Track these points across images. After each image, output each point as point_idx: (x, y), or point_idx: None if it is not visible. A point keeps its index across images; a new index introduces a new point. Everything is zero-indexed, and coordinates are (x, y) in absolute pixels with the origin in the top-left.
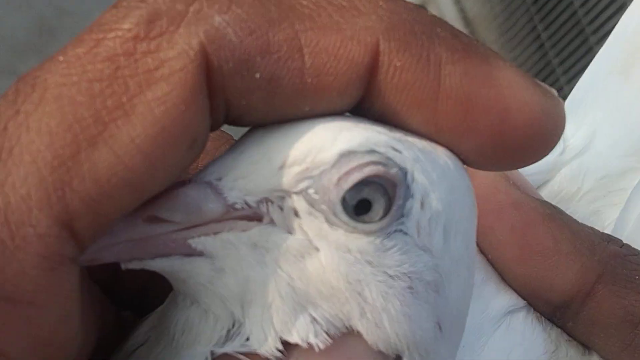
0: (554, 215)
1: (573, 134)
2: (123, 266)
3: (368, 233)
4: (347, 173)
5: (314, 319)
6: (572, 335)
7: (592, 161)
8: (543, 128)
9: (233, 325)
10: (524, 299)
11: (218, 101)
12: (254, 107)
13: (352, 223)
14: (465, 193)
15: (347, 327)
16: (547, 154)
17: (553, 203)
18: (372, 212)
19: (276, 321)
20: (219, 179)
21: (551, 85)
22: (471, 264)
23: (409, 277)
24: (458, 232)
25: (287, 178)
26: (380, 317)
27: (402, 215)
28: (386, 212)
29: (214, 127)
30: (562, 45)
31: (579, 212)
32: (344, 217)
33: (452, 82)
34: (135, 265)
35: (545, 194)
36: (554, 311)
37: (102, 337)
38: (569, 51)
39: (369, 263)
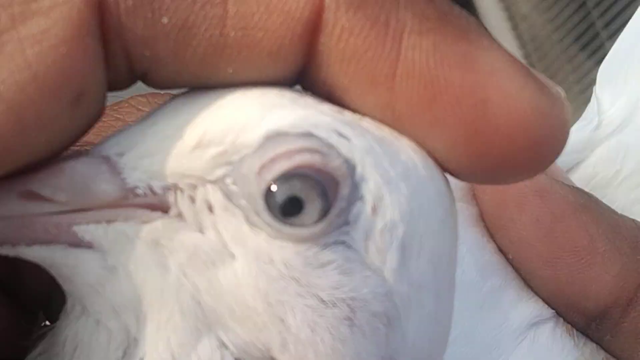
0: (587, 205)
1: (611, 105)
2: None
3: (297, 240)
4: (272, 160)
5: (222, 344)
6: (611, 351)
7: (633, 138)
8: (534, 132)
9: (129, 345)
10: (552, 308)
11: (115, 49)
12: (161, 61)
13: (277, 225)
14: (435, 199)
15: (266, 358)
16: (541, 168)
17: (586, 190)
18: (303, 214)
19: (173, 343)
20: (120, 155)
21: (589, 43)
22: (443, 292)
23: (347, 304)
24: (422, 250)
25: (201, 162)
26: (305, 352)
27: (346, 223)
28: (322, 215)
29: (117, 84)
30: None
31: (618, 200)
32: (266, 216)
33: (416, 57)
34: (7, 251)
35: (577, 178)
36: (589, 322)
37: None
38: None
39: (296, 280)
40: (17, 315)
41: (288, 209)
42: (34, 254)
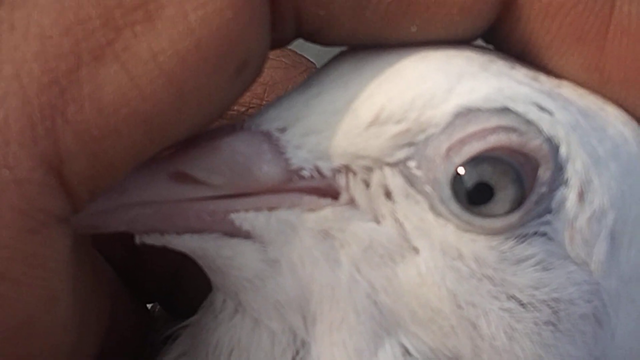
0: None
1: None
2: (137, 239)
3: (490, 232)
4: (462, 141)
5: (405, 350)
6: None
7: None
8: None
9: (297, 351)
10: None
11: (285, 10)
12: (336, 20)
13: (466, 215)
14: None
15: None
16: None
17: None
18: (492, 203)
19: (350, 348)
20: (282, 130)
21: None
22: None
23: (550, 306)
24: (634, 237)
25: (379, 141)
26: None
27: (548, 211)
28: (515, 205)
29: (278, 43)
30: None
31: None
32: (454, 205)
33: (633, 10)
34: (154, 240)
35: None
36: None
37: (113, 336)
38: None
39: (489, 279)
40: (133, 307)
41: (475, 197)
42: (185, 243)
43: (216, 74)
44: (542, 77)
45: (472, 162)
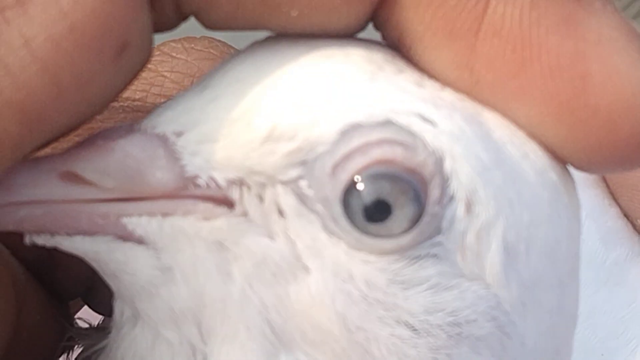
0: None
1: None
2: (26, 239)
3: (381, 252)
4: (346, 157)
5: None
6: None
7: None
8: None
9: None
10: None
11: None
12: (214, 2)
13: (357, 234)
14: (536, 180)
15: None
16: None
17: None
18: (390, 221)
19: None
20: (179, 134)
21: None
22: (566, 279)
23: (445, 331)
24: (532, 243)
25: (273, 158)
26: None
27: (439, 232)
28: (413, 222)
29: (163, 26)
30: None
31: None
32: (345, 223)
33: (507, 12)
34: (44, 240)
35: None
36: None
37: (23, 336)
38: None
39: (380, 303)
40: (49, 305)
41: (373, 214)
42: (76, 245)
43: (94, 58)
44: (427, 81)
45: (368, 178)
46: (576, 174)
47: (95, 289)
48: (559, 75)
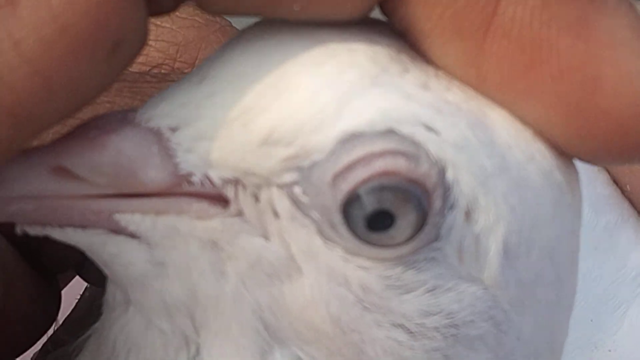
0: None
1: None
2: (18, 229)
3: (378, 260)
4: (348, 167)
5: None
6: None
7: None
8: None
9: (191, 353)
10: None
11: None
12: None
13: (356, 242)
14: (540, 182)
15: None
16: None
17: None
18: (392, 230)
19: (235, 357)
20: (174, 130)
21: None
22: (565, 273)
23: (441, 333)
24: (533, 244)
25: (270, 162)
26: None
27: (437, 238)
28: (415, 232)
29: (160, 10)
30: None
31: None
32: (344, 231)
33: (517, 14)
34: (36, 231)
35: None
36: None
37: (9, 311)
38: None
39: (376, 307)
40: (38, 283)
41: (375, 223)
42: (68, 236)
43: (87, 58)
44: (433, 82)
45: (372, 190)
46: None
47: (87, 260)
48: (569, 77)
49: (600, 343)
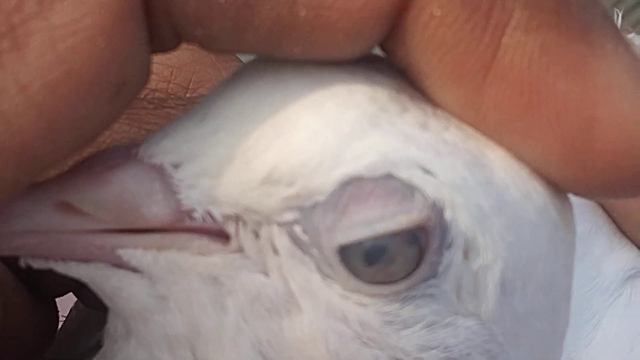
0: None
1: None
2: (22, 262)
3: (376, 296)
4: (346, 211)
5: None
6: None
7: None
8: None
9: None
10: None
11: (161, 29)
12: (216, 40)
13: (354, 281)
14: (536, 219)
15: None
16: None
17: None
18: (390, 268)
19: None
20: (176, 166)
21: None
22: (560, 302)
23: None
24: (529, 278)
25: (270, 201)
26: None
27: (434, 275)
28: (412, 269)
29: (162, 49)
30: None
31: None
32: (342, 270)
33: (516, 60)
34: (39, 264)
35: None
36: None
37: (11, 335)
38: None
39: (374, 342)
40: (36, 306)
41: (373, 260)
42: (71, 270)
43: (91, 101)
44: (431, 121)
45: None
46: None
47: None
48: (566, 119)
49: (574, 355)
